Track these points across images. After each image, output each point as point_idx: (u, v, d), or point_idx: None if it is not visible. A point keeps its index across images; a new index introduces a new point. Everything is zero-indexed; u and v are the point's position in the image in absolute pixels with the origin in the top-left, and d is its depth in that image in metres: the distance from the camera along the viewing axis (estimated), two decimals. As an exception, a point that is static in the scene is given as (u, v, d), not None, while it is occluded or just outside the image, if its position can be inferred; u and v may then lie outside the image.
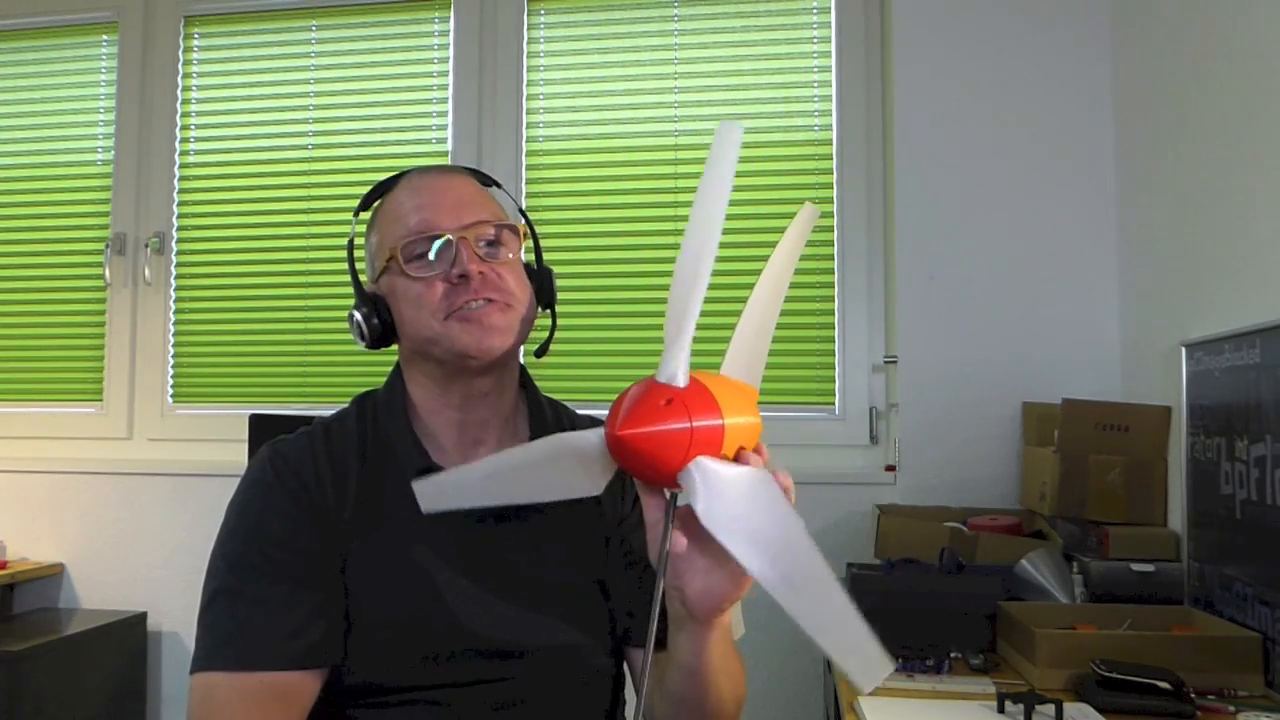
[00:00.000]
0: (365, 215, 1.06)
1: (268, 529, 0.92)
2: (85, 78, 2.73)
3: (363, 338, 0.99)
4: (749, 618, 2.21)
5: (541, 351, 1.07)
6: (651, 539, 0.72)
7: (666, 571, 0.71)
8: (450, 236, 0.94)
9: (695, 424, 0.63)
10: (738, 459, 0.68)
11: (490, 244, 0.97)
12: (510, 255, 0.99)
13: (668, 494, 0.69)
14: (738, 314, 0.74)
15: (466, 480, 0.76)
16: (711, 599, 0.75)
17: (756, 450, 0.70)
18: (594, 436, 0.67)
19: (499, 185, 1.07)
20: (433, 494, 0.76)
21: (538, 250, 1.08)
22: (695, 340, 0.64)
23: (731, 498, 0.62)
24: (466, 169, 1.05)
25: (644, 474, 0.65)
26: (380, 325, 0.98)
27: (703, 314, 0.63)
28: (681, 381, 0.64)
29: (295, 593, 0.90)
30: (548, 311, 1.06)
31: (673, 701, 0.88)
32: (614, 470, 0.68)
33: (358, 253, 1.04)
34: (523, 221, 1.04)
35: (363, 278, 1.04)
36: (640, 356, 2.40)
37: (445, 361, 0.95)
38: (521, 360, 1.07)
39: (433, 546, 0.94)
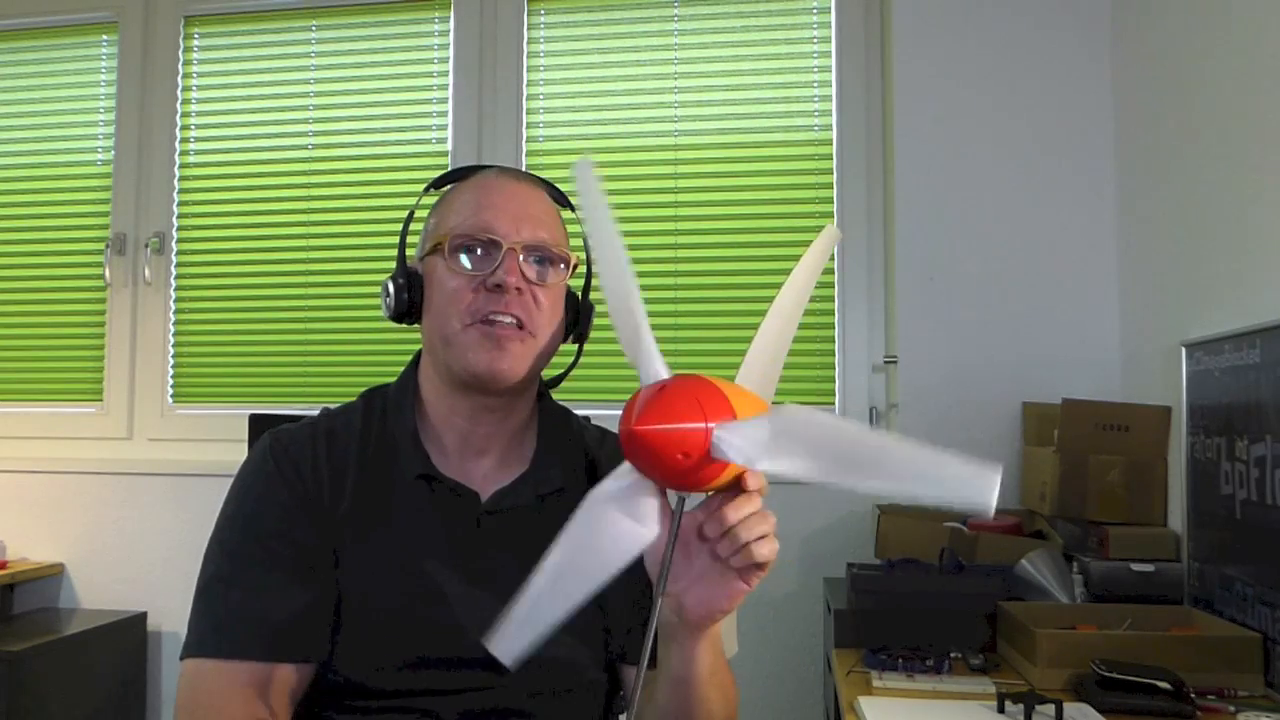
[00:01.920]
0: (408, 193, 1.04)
1: (265, 518, 0.92)
2: (85, 78, 2.73)
3: (389, 307, 0.99)
4: (749, 619, 2.21)
5: (555, 383, 1.08)
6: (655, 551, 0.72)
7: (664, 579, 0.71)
8: (503, 243, 0.93)
9: (709, 418, 0.64)
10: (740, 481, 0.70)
11: (539, 263, 0.96)
12: (554, 281, 0.97)
13: (672, 503, 0.69)
14: (737, 314, 0.75)
15: (534, 606, 0.70)
16: (705, 608, 0.75)
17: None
18: (620, 478, 0.69)
19: (570, 206, 1.04)
20: (509, 640, 0.70)
21: (587, 282, 1.05)
22: (705, 349, 0.65)
23: (765, 438, 0.65)
24: (544, 181, 1.04)
25: (662, 466, 0.65)
26: (408, 301, 0.98)
27: (704, 315, 0.63)
28: (665, 374, 0.69)
29: (288, 584, 0.90)
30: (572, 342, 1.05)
31: (662, 716, 0.87)
32: (656, 505, 0.69)
33: (415, 226, 1.04)
34: (579, 250, 1.04)
35: (411, 252, 1.03)
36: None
37: (453, 370, 0.95)
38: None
39: (427, 550, 0.93)
